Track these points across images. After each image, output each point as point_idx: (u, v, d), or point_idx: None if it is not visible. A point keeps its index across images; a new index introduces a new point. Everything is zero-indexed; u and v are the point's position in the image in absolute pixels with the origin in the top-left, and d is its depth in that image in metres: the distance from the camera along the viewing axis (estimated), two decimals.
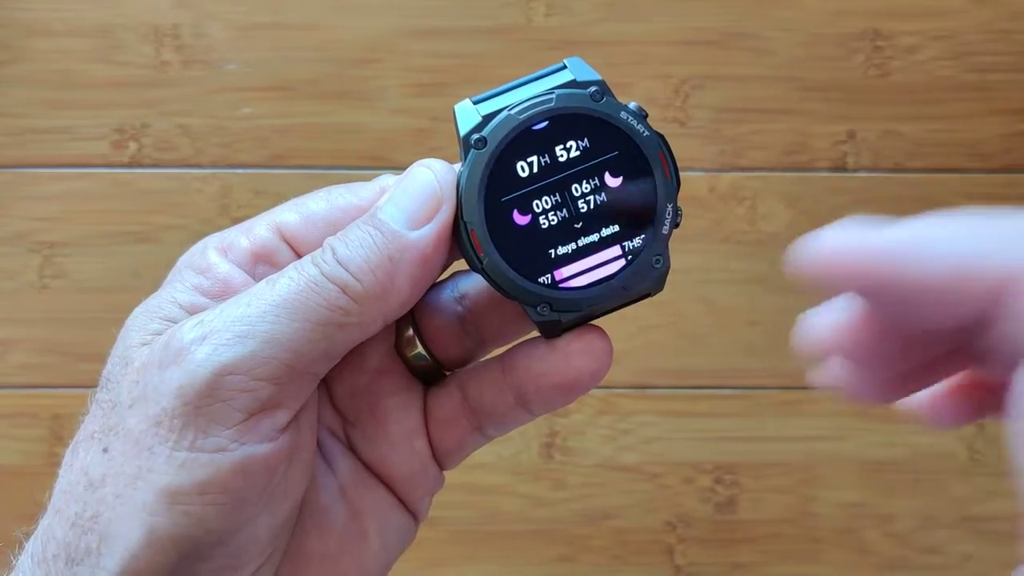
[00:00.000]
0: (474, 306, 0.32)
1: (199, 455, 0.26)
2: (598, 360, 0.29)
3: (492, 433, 0.32)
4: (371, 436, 0.31)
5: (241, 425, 0.26)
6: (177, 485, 0.26)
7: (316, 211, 0.30)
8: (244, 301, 0.27)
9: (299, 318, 0.27)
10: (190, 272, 0.29)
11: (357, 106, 0.79)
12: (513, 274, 0.29)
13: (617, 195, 0.29)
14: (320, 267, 0.27)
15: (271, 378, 0.26)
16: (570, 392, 0.30)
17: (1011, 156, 0.78)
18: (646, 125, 0.29)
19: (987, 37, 0.79)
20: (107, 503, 0.26)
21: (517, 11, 0.78)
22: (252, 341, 0.26)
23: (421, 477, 0.32)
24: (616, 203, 0.29)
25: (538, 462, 0.77)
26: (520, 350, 0.31)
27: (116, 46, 0.78)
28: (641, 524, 0.77)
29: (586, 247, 0.29)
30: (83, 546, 0.26)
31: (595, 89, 0.29)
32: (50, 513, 0.27)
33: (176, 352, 0.26)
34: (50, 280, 0.78)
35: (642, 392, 0.78)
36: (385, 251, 0.27)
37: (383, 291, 0.27)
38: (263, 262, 0.29)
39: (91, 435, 0.27)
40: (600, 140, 0.29)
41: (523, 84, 0.30)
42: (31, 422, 0.77)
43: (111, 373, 0.28)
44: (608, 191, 0.29)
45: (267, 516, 0.27)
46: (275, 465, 0.27)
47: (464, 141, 0.29)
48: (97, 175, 0.78)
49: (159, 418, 0.26)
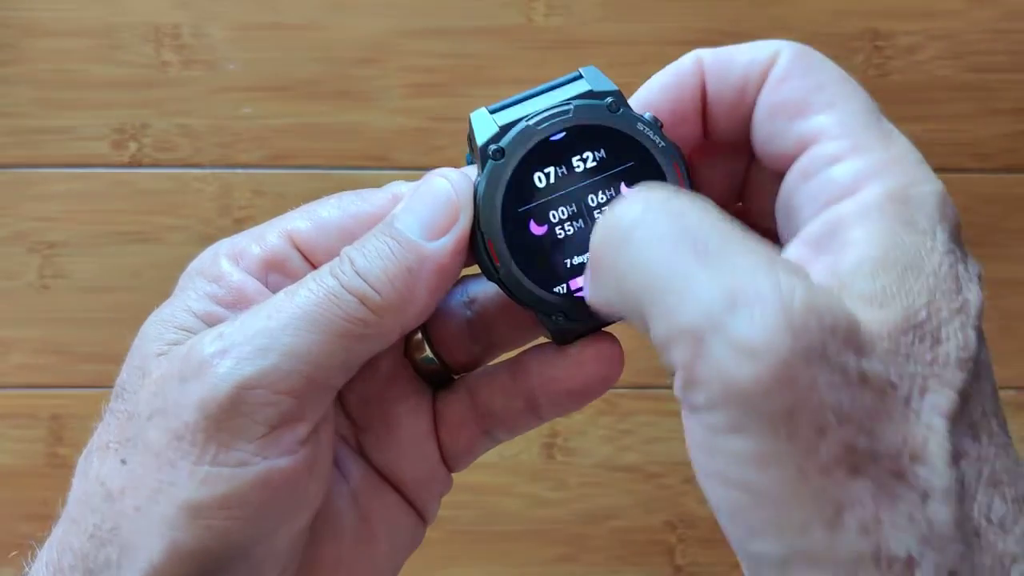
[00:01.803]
0: (483, 311, 0.32)
1: (221, 470, 0.26)
2: (610, 366, 0.30)
3: (501, 437, 0.32)
4: (382, 441, 0.31)
5: (263, 439, 0.26)
6: (199, 500, 0.25)
7: (328, 218, 0.29)
8: (264, 313, 0.27)
9: (319, 330, 0.26)
10: (202, 280, 0.29)
11: (357, 106, 0.78)
12: (529, 284, 0.29)
13: None
14: (339, 278, 0.27)
15: (292, 391, 0.26)
16: (582, 398, 0.30)
17: (1011, 156, 0.79)
18: (661, 136, 0.29)
19: (987, 37, 0.80)
20: (127, 516, 0.26)
21: (517, 11, 0.78)
22: (273, 354, 0.26)
23: (431, 480, 0.32)
24: None
25: (539, 462, 0.77)
26: (531, 356, 0.31)
27: (116, 46, 0.78)
28: (641, 524, 0.77)
29: None
30: (102, 558, 0.26)
31: (612, 100, 0.29)
32: (64, 522, 0.27)
33: (197, 366, 0.26)
34: (50, 280, 0.77)
35: (642, 392, 0.78)
36: (404, 262, 0.27)
37: (402, 302, 0.27)
38: (275, 270, 0.29)
39: (106, 445, 0.27)
40: (616, 151, 0.29)
41: (539, 94, 0.30)
42: (31, 422, 0.77)
43: (126, 382, 0.28)
44: None
45: (287, 528, 0.27)
46: (297, 478, 0.27)
47: (482, 151, 0.29)
48: (97, 175, 0.78)
49: (180, 432, 0.26)
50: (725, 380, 0.22)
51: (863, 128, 0.26)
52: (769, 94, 0.28)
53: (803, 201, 0.27)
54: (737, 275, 0.22)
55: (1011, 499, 0.22)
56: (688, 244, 0.23)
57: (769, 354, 0.21)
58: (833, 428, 0.21)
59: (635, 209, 0.24)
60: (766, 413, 0.22)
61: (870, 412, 0.22)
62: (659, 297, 0.23)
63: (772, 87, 0.28)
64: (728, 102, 0.29)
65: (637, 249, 0.24)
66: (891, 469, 0.22)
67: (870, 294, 0.23)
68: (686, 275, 0.23)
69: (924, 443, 0.22)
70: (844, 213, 0.25)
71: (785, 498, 0.22)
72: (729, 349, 0.22)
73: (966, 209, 0.27)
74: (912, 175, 0.25)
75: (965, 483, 0.22)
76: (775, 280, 0.22)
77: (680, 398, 0.24)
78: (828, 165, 0.26)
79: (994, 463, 0.23)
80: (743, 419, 0.22)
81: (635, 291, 0.24)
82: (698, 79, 0.30)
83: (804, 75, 0.28)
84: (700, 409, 0.23)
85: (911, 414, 0.22)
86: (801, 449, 0.22)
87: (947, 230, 0.25)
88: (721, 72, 0.29)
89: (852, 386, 0.22)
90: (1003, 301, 0.78)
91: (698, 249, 0.23)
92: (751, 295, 0.22)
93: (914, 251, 0.24)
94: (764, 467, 0.22)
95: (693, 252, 0.23)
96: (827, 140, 0.26)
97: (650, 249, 0.23)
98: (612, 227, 0.25)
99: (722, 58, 0.29)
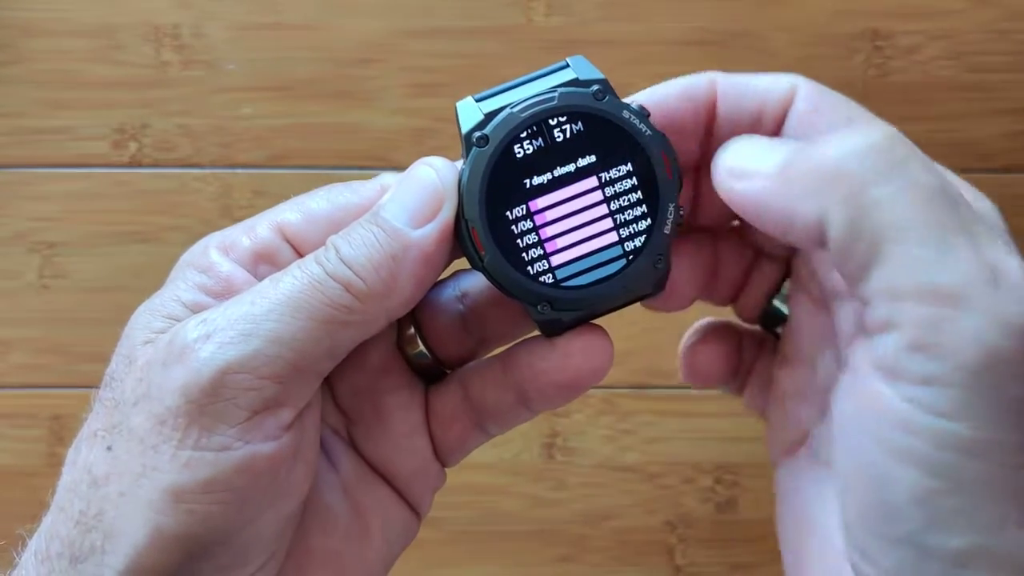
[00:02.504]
0: (475, 305, 0.32)
1: (204, 454, 0.26)
2: (598, 359, 0.30)
3: (493, 431, 0.32)
4: (373, 434, 0.31)
5: (245, 424, 0.26)
6: (182, 484, 0.26)
7: (317, 210, 0.30)
8: (248, 299, 0.27)
9: (303, 316, 0.26)
10: (192, 271, 0.29)
11: (357, 106, 0.79)
12: (514, 272, 0.29)
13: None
14: (324, 265, 0.27)
15: (275, 376, 0.26)
16: (571, 390, 0.30)
17: (1011, 156, 0.78)
18: (648, 124, 0.29)
19: (987, 37, 0.79)
20: (111, 501, 0.26)
21: (517, 11, 0.78)
22: (256, 339, 0.26)
23: (423, 474, 0.32)
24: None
25: (538, 462, 0.77)
26: (521, 348, 0.31)
27: (116, 46, 0.78)
28: (641, 524, 0.77)
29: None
30: (87, 544, 0.26)
31: (598, 88, 0.29)
32: (53, 510, 0.27)
33: (180, 350, 0.26)
34: (50, 280, 0.77)
35: (642, 392, 0.78)
36: (388, 249, 0.27)
37: (386, 289, 0.27)
38: (265, 262, 0.29)
39: (94, 433, 0.27)
40: (602, 138, 0.29)
41: (526, 82, 0.30)
42: (31, 422, 0.77)
43: (114, 371, 0.28)
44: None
45: (271, 514, 0.27)
46: (280, 463, 0.27)
47: (466, 139, 0.29)
48: (97, 175, 0.78)
49: (163, 416, 0.26)
50: (979, 352, 0.21)
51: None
52: (799, 123, 0.28)
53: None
54: (997, 254, 0.22)
55: None
56: (952, 206, 0.22)
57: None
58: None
59: (901, 147, 0.23)
60: (1004, 399, 0.21)
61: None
62: (914, 245, 0.22)
63: (801, 116, 0.28)
64: (742, 126, 0.29)
65: (901, 188, 0.23)
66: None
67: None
68: (951, 235, 0.22)
69: None
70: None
71: (988, 491, 0.21)
72: (991, 321, 0.21)
73: None
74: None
75: None
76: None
77: (892, 362, 0.23)
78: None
79: None
80: (976, 399, 0.21)
81: (881, 225, 0.23)
82: (709, 99, 0.30)
83: (832, 109, 0.28)
84: (921, 383, 0.22)
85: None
86: (1020, 443, 0.21)
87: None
88: (737, 95, 0.29)
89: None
90: None
91: (961, 215, 0.22)
92: (1013, 277, 0.21)
93: None
94: (976, 456, 0.21)
95: (958, 217, 0.22)
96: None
97: (916, 194, 0.23)
98: (866, 150, 0.24)
99: (738, 82, 0.29)
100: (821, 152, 0.25)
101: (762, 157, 0.27)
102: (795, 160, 0.26)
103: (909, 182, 0.23)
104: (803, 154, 0.26)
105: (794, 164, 0.26)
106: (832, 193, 0.24)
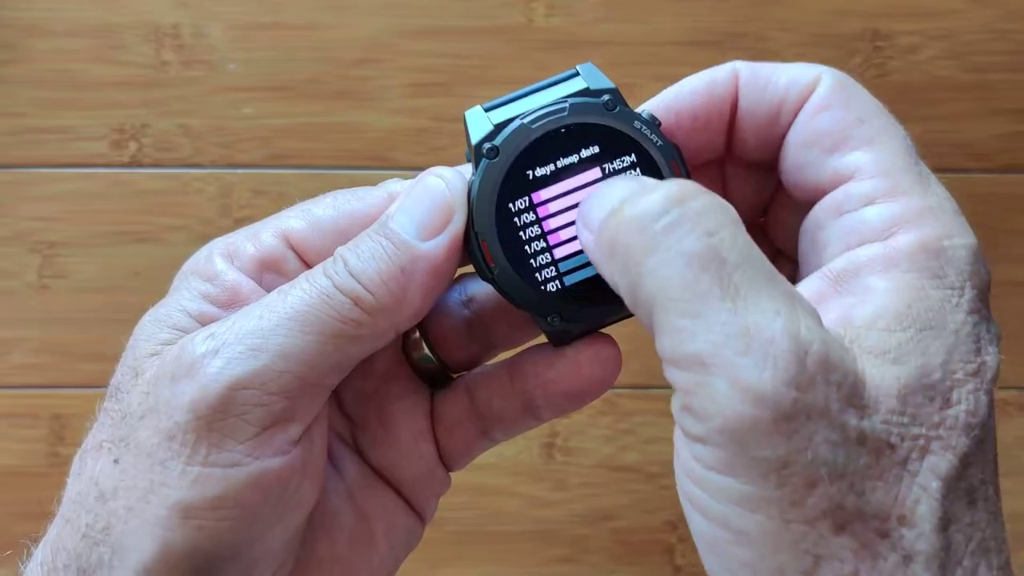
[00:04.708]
0: (481, 310, 0.32)
1: (213, 470, 0.26)
2: (607, 368, 0.30)
3: (499, 437, 0.32)
4: (378, 440, 0.31)
5: (254, 439, 0.26)
6: (190, 500, 0.25)
7: (323, 217, 0.29)
8: (256, 313, 0.27)
9: (311, 331, 0.26)
10: (197, 279, 0.29)
11: (357, 106, 0.78)
12: (524, 285, 0.28)
13: None
14: (332, 279, 0.27)
15: (284, 392, 0.26)
16: (579, 399, 0.30)
17: (1011, 156, 0.79)
18: (659, 135, 0.28)
19: (987, 37, 0.79)
20: (119, 516, 0.26)
21: (517, 11, 0.78)
22: (265, 355, 0.26)
23: (428, 480, 0.32)
24: None
25: (539, 463, 0.77)
26: (528, 357, 0.31)
27: (116, 46, 0.78)
28: (641, 524, 0.77)
29: None
30: (95, 558, 0.26)
31: (608, 98, 0.28)
32: (59, 522, 0.27)
33: (188, 365, 0.26)
34: (50, 280, 0.77)
35: (642, 392, 0.78)
36: (397, 262, 0.27)
37: (395, 303, 0.27)
38: (270, 270, 0.29)
39: (100, 445, 0.27)
40: (613, 149, 0.28)
41: (535, 91, 0.29)
42: (31, 422, 0.77)
43: (120, 383, 0.28)
44: None
45: (280, 528, 0.27)
46: (288, 478, 0.27)
47: (476, 150, 0.28)
48: (97, 175, 0.78)
49: (172, 432, 0.26)
50: (725, 417, 0.22)
51: (901, 171, 0.26)
52: (807, 121, 0.28)
53: (831, 236, 0.27)
54: (757, 315, 0.22)
55: (996, 567, 0.23)
56: (715, 270, 0.23)
57: (773, 403, 0.21)
58: (824, 483, 0.22)
59: (670, 214, 0.24)
60: (760, 459, 0.22)
61: (863, 471, 0.22)
62: (674, 315, 0.23)
63: (810, 114, 0.28)
64: (761, 120, 0.29)
65: (664, 259, 0.23)
66: (877, 529, 0.22)
67: (884, 348, 0.23)
68: (707, 302, 0.22)
69: (915, 505, 0.22)
70: (872, 256, 0.25)
71: (765, 543, 0.22)
72: (734, 388, 0.22)
73: (965, 209, 0.27)
74: (948, 227, 0.25)
75: (952, 549, 0.22)
76: (795, 329, 0.22)
77: (675, 418, 0.24)
78: (862, 205, 0.26)
79: (985, 530, 0.23)
80: (736, 459, 0.22)
81: (650, 295, 0.24)
82: (731, 90, 0.29)
83: (845, 106, 0.28)
84: (693, 440, 0.23)
85: (906, 475, 0.22)
86: (789, 499, 0.22)
87: (976, 287, 0.24)
88: (758, 88, 0.29)
89: (849, 445, 0.22)
90: (1003, 301, 0.77)
91: (723, 278, 0.23)
92: (766, 340, 0.22)
93: (938, 306, 0.24)
94: (749, 510, 0.22)
95: (719, 280, 0.23)
96: (863, 178, 0.26)
97: (677, 264, 0.23)
98: (640, 220, 0.24)
99: (760, 74, 0.29)
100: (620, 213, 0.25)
101: (600, 207, 0.26)
102: (607, 221, 0.25)
103: (676, 251, 0.23)
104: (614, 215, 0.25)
105: (606, 225, 0.25)
106: (617, 262, 0.25)
